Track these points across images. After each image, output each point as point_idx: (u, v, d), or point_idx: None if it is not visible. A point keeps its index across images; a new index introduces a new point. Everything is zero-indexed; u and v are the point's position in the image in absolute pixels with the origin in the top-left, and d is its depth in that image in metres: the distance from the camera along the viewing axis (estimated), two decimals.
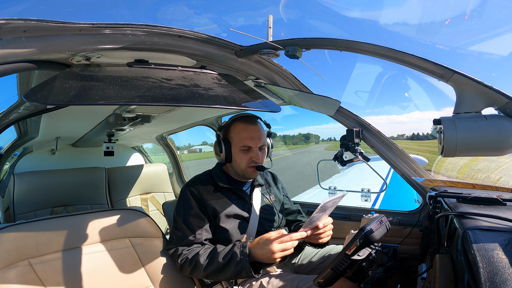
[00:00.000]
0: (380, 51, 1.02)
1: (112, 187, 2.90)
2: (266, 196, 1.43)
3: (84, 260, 1.13)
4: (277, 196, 1.49)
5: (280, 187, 1.56)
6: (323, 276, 0.97)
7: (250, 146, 1.28)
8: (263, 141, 1.32)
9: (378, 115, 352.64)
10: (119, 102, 0.81)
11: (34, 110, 1.41)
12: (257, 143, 1.29)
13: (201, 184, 1.31)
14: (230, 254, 1.10)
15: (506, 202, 0.94)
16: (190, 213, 1.24)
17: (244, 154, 1.30)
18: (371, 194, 1.83)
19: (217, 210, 1.25)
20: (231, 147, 1.31)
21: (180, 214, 1.26)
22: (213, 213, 1.26)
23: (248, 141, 1.28)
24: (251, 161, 1.30)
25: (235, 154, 1.31)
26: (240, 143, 1.29)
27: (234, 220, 1.28)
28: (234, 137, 1.30)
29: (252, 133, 1.29)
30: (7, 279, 0.97)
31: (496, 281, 0.50)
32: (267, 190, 1.45)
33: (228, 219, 1.27)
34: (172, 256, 1.25)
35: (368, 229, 0.93)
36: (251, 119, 1.33)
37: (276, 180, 1.58)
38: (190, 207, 1.26)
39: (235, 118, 1.34)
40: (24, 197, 2.44)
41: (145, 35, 0.94)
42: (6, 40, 0.71)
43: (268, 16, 1.09)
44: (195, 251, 1.18)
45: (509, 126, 0.86)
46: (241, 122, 1.31)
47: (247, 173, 1.32)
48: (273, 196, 1.46)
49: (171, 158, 3.28)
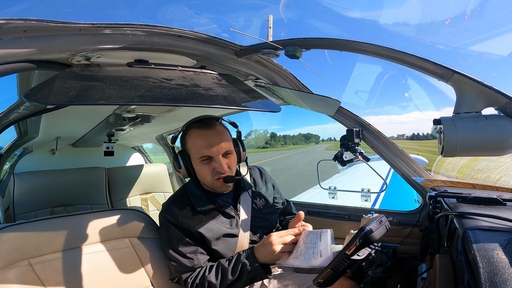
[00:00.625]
0: (380, 51, 1.02)
1: (112, 187, 2.90)
2: (255, 201, 1.30)
3: (84, 260, 1.13)
4: (267, 198, 1.37)
5: (270, 186, 1.44)
6: (323, 276, 0.97)
7: (209, 155, 1.11)
8: (227, 146, 1.13)
9: (378, 115, 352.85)
10: (119, 102, 0.81)
11: (34, 110, 1.41)
12: (218, 150, 1.10)
13: (177, 209, 1.15)
14: (240, 266, 1.07)
15: (506, 202, 0.94)
16: (178, 243, 1.13)
17: (205, 166, 1.12)
18: (371, 194, 1.83)
19: (204, 235, 1.13)
20: (190, 160, 1.15)
21: (168, 245, 1.15)
22: (201, 237, 1.14)
23: (205, 150, 1.10)
24: (216, 172, 1.12)
25: (196, 167, 1.14)
26: (197, 154, 1.11)
27: (224, 240, 1.17)
28: (191, 147, 1.14)
29: (209, 140, 1.10)
30: (7, 279, 0.97)
31: (496, 281, 0.50)
32: (255, 194, 1.34)
33: (218, 241, 1.16)
34: (179, 283, 1.17)
35: (368, 229, 0.93)
36: (207, 123, 1.13)
37: (265, 177, 1.44)
38: (176, 237, 1.14)
39: (188, 124, 1.15)
40: (24, 197, 2.44)
41: (145, 35, 0.94)
42: (6, 40, 0.71)
43: (268, 16, 1.09)
44: (201, 274, 1.12)
45: (509, 126, 0.86)
46: (195, 129, 1.12)
47: (216, 187, 1.16)
48: (263, 200, 1.33)
49: (171, 158, 3.28)
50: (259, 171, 1.46)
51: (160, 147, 3.29)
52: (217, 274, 1.09)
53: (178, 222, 1.13)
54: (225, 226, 1.18)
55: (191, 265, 1.13)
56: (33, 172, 2.59)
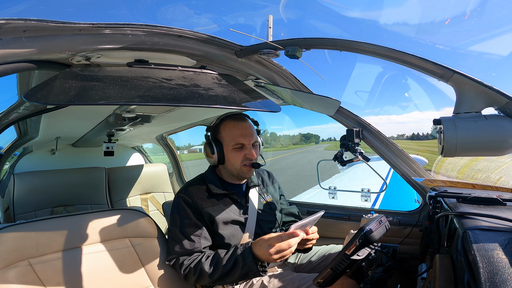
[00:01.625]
0: (380, 51, 1.02)
1: (112, 187, 2.90)
2: (263, 196, 1.40)
3: (84, 260, 1.13)
4: (273, 195, 1.46)
5: (276, 186, 1.54)
6: (323, 276, 0.97)
7: (243, 143, 1.25)
8: (255, 137, 1.29)
9: (377, 115, 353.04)
10: (119, 102, 0.81)
11: (34, 110, 1.41)
12: (250, 139, 1.26)
13: (194, 191, 1.26)
14: (234, 258, 1.09)
15: (506, 202, 0.94)
16: (187, 222, 1.20)
17: (237, 153, 1.26)
18: (371, 194, 1.83)
19: (213, 217, 1.22)
20: (223, 148, 1.27)
21: (175, 224, 1.22)
22: (210, 220, 1.23)
23: (240, 138, 1.25)
24: (246, 158, 1.26)
25: (228, 153, 1.26)
26: (232, 141, 1.25)
27: (231, 226, 1.25)
28: (225, 136, 1.27)
29: (244, 130, 1.26)
30: (7, 279, 0.97)
31: (496, 281, 0.50)
32: (263, 190, 1.43)
33: (226, 226, 1.24)
34: (174, 266, 1.22)
35: (368, 229, 0.93)
36: (240, 117, 1.30)
37: (272, 178, 1.55)
38: (186, 216, 1.21)
39: (223, 117, 1.31)
40: (24, 197, 2.43)
41: (145, 35, 0.94)
42: (6, 40, 0.71)
43: (268, 16, 1.09)
44: (197, 259, 1.16)
45: (509, 126, 0.86)
46: (231, 120, 1.28)
47: (242, 172, 1.27)
48: (270, 196, 1.44)
49: (171, 158, 3.28)
50: (267, 172, 1.56)
51: (161, 147, 3.29)
52: (211, 263, 1.13)
53: (193, 201, 1.23)
54: (234, 212, 1.27)
55: (191, 248, 1.18)
56: (33, 172, 2.59)
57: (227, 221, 1.24)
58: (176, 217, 1.23)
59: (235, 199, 1.30)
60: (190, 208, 1.22)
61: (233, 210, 1.27)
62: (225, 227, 1.23)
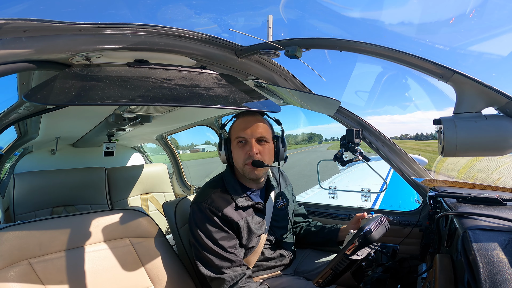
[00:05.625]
0: (380, 51, 1.02)
1: (112, 187, 2.90)
2: (278, 201, 1.34)
3: (84, 260, 1.12)
4: (288, 199, 1.41)
5: (290, 187, 1.50)
6: (323, 276, 0.97)
7: (244, 137, 1.16)
8: (263, 133, 1.17)
9: (380, 115, 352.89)
10: (119, 102, 0.81)
11: (34, 110, 1.41)
12: (253, 134, 1.16)
13: (220, 201, 1.15)
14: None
15: (506, 202, 0.93)
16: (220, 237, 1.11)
17: (240, 149, 1.17)
18: (371, 194, 1.83)
19: (242, 231, 1.15)
20: (230, 145, 1.22)
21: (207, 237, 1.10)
22: (239, 232, 1.16)
23: (241, 132, 1.16)
24: (248, 156, 1.15)
25: (233, 150, 1.20)
26: (235, 135, 1.19)
27: (255, 239, 1.20)
28: (232, 131, 1.22)
29: (247, 123, 1.17)
30: (7, 279, 0.97)
31: (496, 281, 0.50)
32: (279, 194, 1.37)
33: (251, 239, 1.18)
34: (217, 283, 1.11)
35: (367, 229, 0.93)
36: (252, 113, 1.22)
37: (285, 179, 1.49)
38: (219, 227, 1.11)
39: (236, 114, 1.27)
40: (24, 197, 2.43)
41: (145, 35, 0.94)
42: (6, 40, 0.71)
43: (268, 16, 1.09)
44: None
45: (509, 126, 0.86)
46: (241, 117, 1.22)
47: (245, 172, 1.18)
48: (284, 201, 1.38)
49: (171, 158, 3.28)
50: (281, 173, 1.49)
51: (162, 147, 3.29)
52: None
53: (224, 213, 1.12)
54: (256, 226, 1.20)
55: (234, 259, 1.10)
56: (33, 172, 2.59)
57: (252, 236, 1.18)
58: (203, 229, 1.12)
59: (258, 208, 1.23)
60: (220, 220, 1.12)
61: (256, 222, 1.21)
62: (247, 239, 1.18)
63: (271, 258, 1.27)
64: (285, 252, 1.31)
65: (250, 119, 1.19)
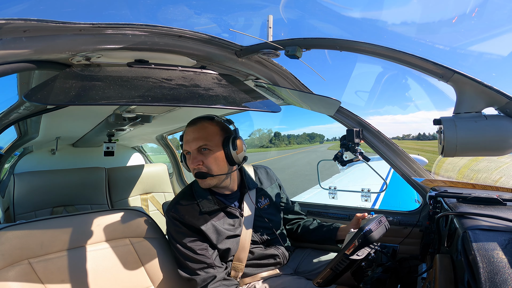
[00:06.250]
0: (380, 51, 1.02)
1: (112, 187, 2.90)
2: (260, 201, 1.33)
3: (84, 260, 1.13)
4: (272, 198, 1.40)
5: (276, 185, 1.48)
6: (322, 276, 0.97)
7: (187, 149, 1.17)
8: (202, 142, 1.14)
9: (382, 115, 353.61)
10: (119, 102, 0.81)
11: (34, 110, 1.41)
12: (192, 145, 1.14)
13: (185, 209, 1.17)
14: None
15: (506, 202, 0.93)
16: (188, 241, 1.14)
17: (188, 161, 1.17)
18: (371, 194, 1.83)
19: (208, 235, 1.15)
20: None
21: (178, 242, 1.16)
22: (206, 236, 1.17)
23: (185, 145, 1.17)
24: (193, 168, 1.16)
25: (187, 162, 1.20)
26: (183, 149, 1.20)
27: (226, 241, 1.19)
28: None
29: (188, 135, 1.16)
30: (7, 279, 0.97)
31: (496, 281, 0.50)
32: (261, 193, 1.36)
33: (222, 241, 1.18)
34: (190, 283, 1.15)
35: (367, 229, 0.93)
36: (195, 120, 1.20)
37: (271, 177, 1.48)
38: (184, 234, 1.15)
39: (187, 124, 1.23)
40: (24, 197, 2.43)
41: (145, 35, 0.94)
42: (6, 40, 0.71)
43: (268, 16, 1.09)
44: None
45: (509, 126, 0.86)
46: (187, 128, 1.19)
47: (198, 182, 1.19)
48: (267, 200, 1.37)
49: (171, 158, 3.28)
50: (265, 171, 1.49)
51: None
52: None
53: (185, 220, 1.15)
54: (228, 228, 1.21)
55: (205, 261, 1.13)
56: (33, 172, 2.59)
57: (221, 238, 1.18)
58: (174, 235, 1.17)
59: (228, 211, 1.23)
60: (183, 225, 1.16)
61: (227, 224, 1.21)
62: (221, 243, 1.18)
63: (262, 256, 1.27)
64: (276, 250, 1.30)
65: (192, 129, 1.17)
